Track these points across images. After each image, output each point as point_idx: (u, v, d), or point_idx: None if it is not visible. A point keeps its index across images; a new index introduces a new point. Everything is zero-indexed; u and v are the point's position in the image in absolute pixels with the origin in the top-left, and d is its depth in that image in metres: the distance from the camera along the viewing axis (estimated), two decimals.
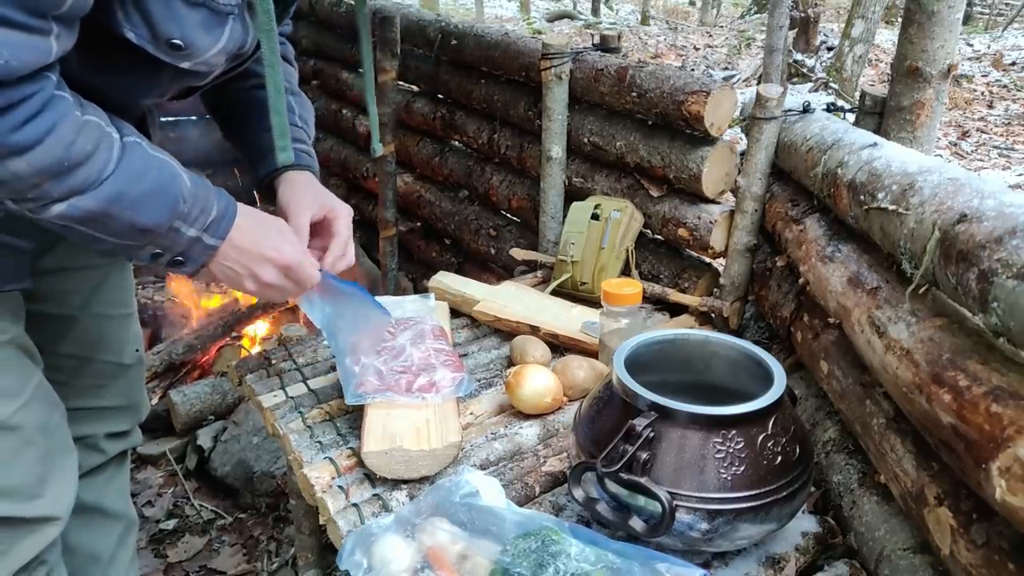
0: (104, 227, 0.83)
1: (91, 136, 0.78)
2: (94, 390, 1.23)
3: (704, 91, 1.47)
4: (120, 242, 0.85)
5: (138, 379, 1.31)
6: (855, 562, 0.96)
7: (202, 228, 0.90)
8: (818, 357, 1.16)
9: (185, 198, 0.87)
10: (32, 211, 0.78)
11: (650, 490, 0.83)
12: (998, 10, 12.13)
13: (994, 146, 5.37)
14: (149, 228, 0.85)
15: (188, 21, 0.82)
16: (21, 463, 0.97)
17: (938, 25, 1.50)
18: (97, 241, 0.85)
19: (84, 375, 1.20)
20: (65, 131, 0.74)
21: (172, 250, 0.89)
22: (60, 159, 0.74)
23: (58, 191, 0.77)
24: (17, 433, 0.95)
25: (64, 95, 0.76)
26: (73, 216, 0.79)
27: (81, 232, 0.82)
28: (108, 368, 1.23)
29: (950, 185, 0.85)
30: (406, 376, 1.14)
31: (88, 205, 0.79)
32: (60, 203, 0.78)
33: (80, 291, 1.15)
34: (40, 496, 0.99)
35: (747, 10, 11.85)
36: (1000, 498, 0.64)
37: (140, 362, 1.31)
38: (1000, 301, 0.66)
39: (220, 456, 2.08)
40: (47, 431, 1.01)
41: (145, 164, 0.84)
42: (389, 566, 0.85)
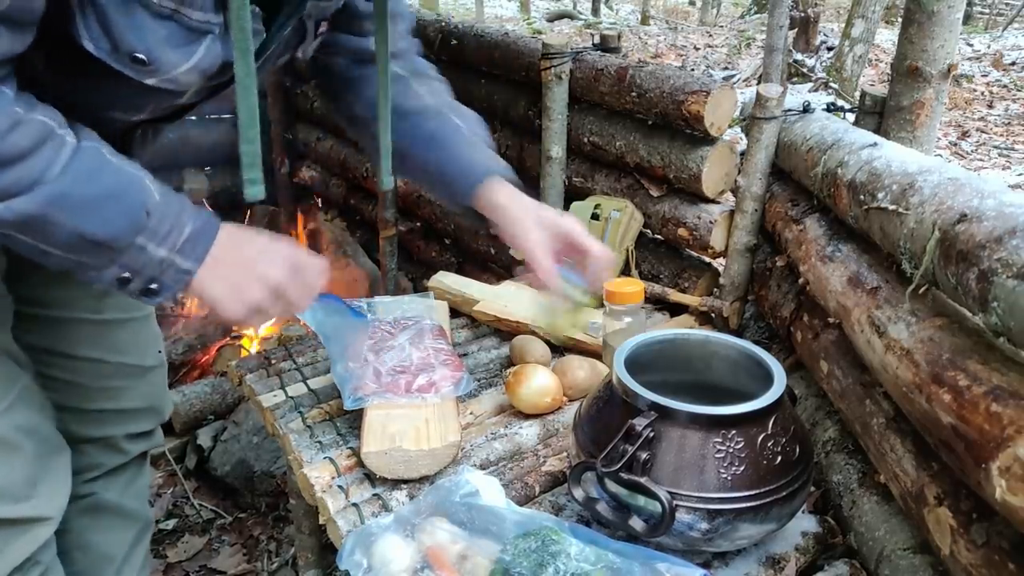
0: (46, 236, 0.75)
1: (31, 134, 0.71)
2: (116, 392, 1.21)
3: (704, 91, 1.47)
4: (71, 257, 0.77)
5: (161, 380, 1.30)
6: (855, 562, 0.96)
7: (173, 248, 0.80)
8: (818, 357, 1.16)
9: (150, 211, 0.78)
10: None
11: (650, 490, 0.83)
12: (998, 10, 12.13)
13: (994, 146, 5.37)
14: (102, 240, 0.76)
15: (152, 35, 0.76)
16: (8, 467, 0.96)
17: (938, 25, 1.49)
18: (44, 255, 0.77)
19: (104, 377, 1.19)
20: (11, 116, 0.69)
21: (141, 274, 0.80)
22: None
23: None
24: (2, 439, 0.95)
25: (3, 90, 0.71)
26: (8, 220, 0.72)
27: (23, 243, 0.75)
28: (130, 370, 1.22)
29: (950, 185, 0.85)
30: (405, 376, 1.14)
31: (25, 207, 0.71)
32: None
33: (87, 296, 1.14)
34: (31, 498, 0.99)
35: (747, 10, 11.85)
36: (1000, 498, 0.64)
37: (162, 363, 1.30)
38: (1000, 301, 0.66)
39: (220, 456, 2.08)
40: (35, 434, 1.00)
41: (99, 167, 0.76)
42: (389, 566, 0.85)
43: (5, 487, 0.96)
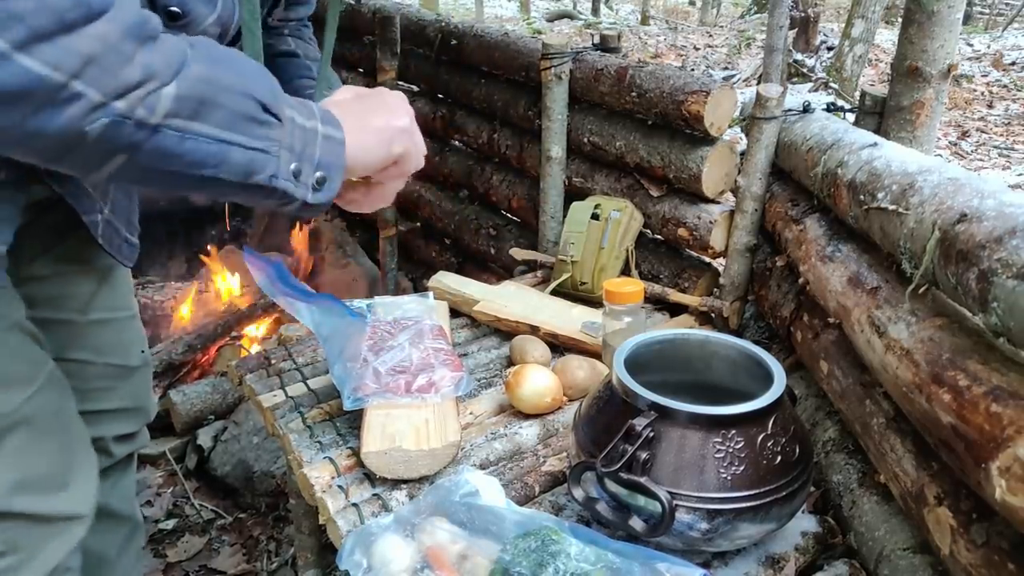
0: (223, 109, 0.64)
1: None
2: (102, 393, 1.21)
3: (704, 91, 1.47)
4: (247, 141, 0.67)
5: (145, 380, 1.30)
6: (855, 562, 0.96)
7: (315, 117, 0.73)
8: (818, 357, 1.16)
9: (274, 79, 0.71)
10: (146, 105, 0.59)
11: (650, 490, 0.83)
12: (998, 10, 12.13)
13: (994, 146, 5.37)
14: (268, 103, 0.68)
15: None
16: (43, 451, 0.91)
17: (938, 25, 1.49)
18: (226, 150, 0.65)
19: (91, 378, 1.18)
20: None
21: (307, 156, 0.71)
22: (142, 18, 0.59)
23: (158, 63, 0.59)
24: (32, 423, 0.90)
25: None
26: (189, 96, 0.61)
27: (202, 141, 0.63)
28: (115, 371, 1.22)
29: (950, 185, 0.85)
30: (405, 376, 1.14)
31: (196, 73, 0.62)
32: (169, 84, 0.60)
33: (77, 296, 1.13)
34: (65, 488, 0.94)
35: (747, 10, 11.85)
36: (1000, 498, 0.64)
37: (146, 363, 1.29)
38: (1000, 301, 0.66)
39: (220, 456, 2.08)
40: (63, 420, 0.97)
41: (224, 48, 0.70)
42: (389, 566, 0.85)
43: (37, 476, 0.90)
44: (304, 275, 2.81)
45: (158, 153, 0.62)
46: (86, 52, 0.55)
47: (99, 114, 0.57)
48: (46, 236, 1.02)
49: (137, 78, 0.58)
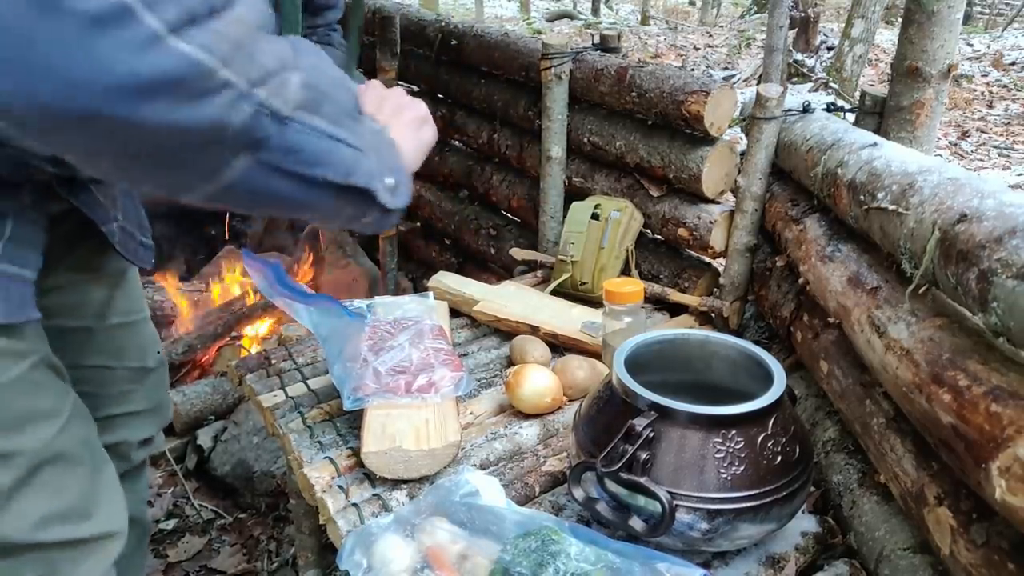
0: (332, 103, 0.64)
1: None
2: (123, 397, 1.20)
3: (704, 91, 1.47)
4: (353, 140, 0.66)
5: (163, 380, 1.30)
6: (855, 562, 0.96)
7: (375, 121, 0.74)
8: (818, 357, 1.16)
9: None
10: (279, 94, 0.57)
11: (650, 490, 0.83)
12: (998, 10, 12.13)
13: (994, 146, 5.37)
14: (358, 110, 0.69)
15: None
16: (72, 484, 0.92)
17: (938, 25, 1.49)
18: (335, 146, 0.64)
19: (112, 383, 1.18)
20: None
21: (381, 156, 0.70)
22: (264, 16, 0.58)
23: (286, 53, 0.59)
24: (63, 456, 0.90)
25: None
26: (310, 85, 0.61)
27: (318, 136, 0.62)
28: (134, 374, 1.21)
29: (950, 185, 0.85)
30: (405, 376, 1.14)
31: (310, 62, 0.62)
32: (296, 71, 0.59)
33: (91, 303, 1.13)
34: (94, 513, 0.94)
35: (747, 10, 11.85)
36: (1000, 498, 0.64)
37: (163, 363, 1.29)
38: (1000, 301, 0.66)
39: (220, 456, 2.08)
40: (89, 446, 0.97)
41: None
42: (389, 566, 0.85)
43: (68, 506, 0.91)
44: (303, 276, 2.81)
45: (283, 149, 0.60)
46: (234, 37, 0.53)
47: (244, 103, 0.54)
48: (59, 247, 1.02)
49: (273, 65, 0.56)
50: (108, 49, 0.47)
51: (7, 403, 0.84)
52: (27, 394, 0.86)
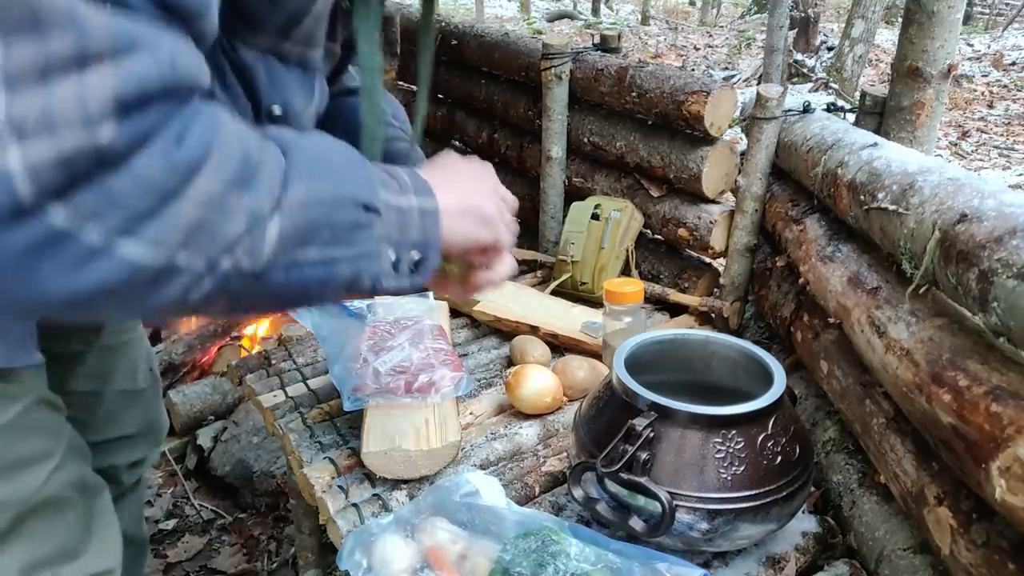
0: (330, 229, 0.59)
1: (244, 125, 0.57)
2: (110, 421, 1.16)
3: (704, 91, 1.47)
4: (355, 252, 0.61)
5: (155, 400, 1.24)
6: (855, 562, 0.96)
7: (408, 190, 0.66)
8: (818, 357, 1.16)
9: (364, 159, 0.65)
10: (251, 253, 0.53)
11: (650, 490, 0.83)
12: (998, 10, 12.13)
13: (994, 146, 5.37)
14: (368, 202, 0.61)
15: (286, 85, 0.70)
16: (60, 529, 0.88)
17: (938, 25, 1.49)
18: (331, 268, 0.60)
19: (100, 408, 1.13)
20: (229, 124, 0.54)
21: (405, 240, 0.65)
22: (242, 154, 0.53)
23: (263, 200, 0.54)
24: (51, 503, 0.86)
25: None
26: (294, 228, 0.56)
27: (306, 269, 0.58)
28: (123, 397, 1.16)
29: (950, 185, 0.85)
30: (405, 376, 1.14)
31: (298, 196, 0.56)
32: (272, 217, 0.54)
33: (82, 326, 1.07)
34: (84, 553, 0.90)
35: (747, 10, 11.85)
36: (1000, 498, 0.64)
37: (156, 382, 1.24)
38: (1000, 301, 0.66)
39: (220, 456, 2.08)
40: (82, 484, 0.93)
41: (296, 134, 0.63)
42: (389, 566, 0.85)
43: (61, 548, 0.87)
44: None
45: (260, 294, 0.57)
46: (190, 219, 0.49)
47: (204, 280, 0.52)
48: None
49: (242, 228, 0.52)
50: (45, 273, 0.46)
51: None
52: (17, 439, 0.82)
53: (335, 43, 0.79)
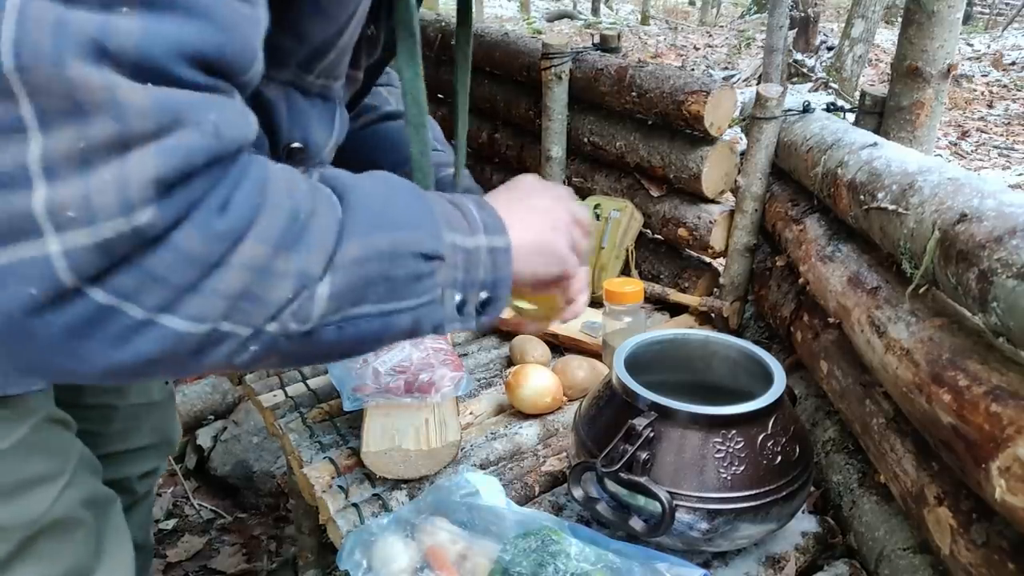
0: (387, 284, 0.56)
1: (294, 175, 0.55)
2: (125, 433, 1.14)
3: (704, 91, 1.47)
4: (414, 303, 0.58)
5: (170, 412, 1.24)
6: (855, 562, 0.96)
7: (478, 230, 0.63)
8: (818, 357, 1.16)
9: (429, 199, 0.62)
10: (298, 317, 0.52)
11: (650, 490, 0.83)
12: (998, 10, 12.13)
13: (994, 146, 5.37)
14: (431, 251, 0.58)
15: (307, 118, 0.68)
16: (69, 549, 0.87)
17: (938, 25, 1.49)
18: (390, 320, 0.58)
19: (115, 421, 1.12)
20: (278, 178, 0.52)
21: (471, 282, 0.62)
22: (292, 212, 0.51)
23: (312, 261, 0.51)
24: (61, 523, 0.85)
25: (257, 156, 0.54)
26: (348, 287, 0.54)
27: (365, 321, 0.56)
28: (138, 410, 1.15)
29: (950, 185, 0.85)
30: (405, 376, 1.14)
31: (352, 253, 0.54)
32: (324, 279, 0.52)
33: None
34: (96, 570, 0.89)
35: (747, 10, 11.85)
36: (1000, 498, 0.64)
37: (171, 396, 1.23)
38: (1000, 301, 0.66)
39: (220, 456, 2.08)
40: (93, 501, 0.91)
41: (354, 175, 0.60)
42: (389, 566, 0.85)
43: (71, 568, 0.86)
44: None
45: (312, 351, 0.55)
46: (233, 290, 0.48)
47: (251, 344, 0.51)
48: None
49: (290, 293, 0.50)
50: (91, 349, 0.46)
51: (1, 474, 0.79)
52: (22, 462, 0.81)
53: (358, 71, 0.76)
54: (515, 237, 0.66)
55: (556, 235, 0.71)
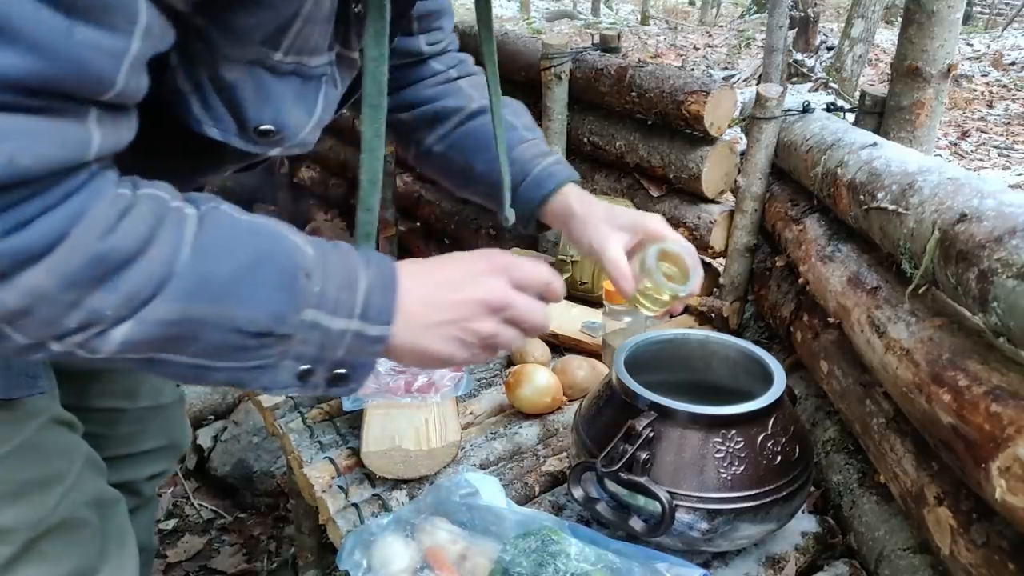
0: (198, 344, 0.56)
1: (145, 214, 0.53)
2: (134, 436, 1.14)
3: (704, 91, 1.47)
4: (234, 365, 0.59)
5: (179, 416, 1.23)
6: (855, 562, 0.96)
7: (352, 314, 0.61)
8: (818, 357, 1.16)
9: (309, 272, 0.59)
10: (86, 347, 0.53)
11: (650, 490, 0.83)
12: (998, 10, 12.13)
13: (994, 146, 5.37)
14: (265, 330, 0.57)
15: (279, 98, 0.65)
16: (73, 551, 0.86)
17: (938, 25, 1.49)
18: (203, 372, 0.59)
19: (122, 424, 1.11)
20: (99, 215, 0.51)
21: (323, 360, 0.61)
22: (97, 255, 0.50)
23: (111, 305, 0.52)
24: (65, 524, 0.85)
25: (104, 173, 0.53)
26: (147, 339, 0.54)
27: (172, 365, 0.57)
28: (148, 413, 1.14)
29: (950, 185, 0.85)
30: (405, 376, 1.14)
31: (162, 314, 0.53)
32: (122, 324, 0.53)
33: None
34: (100, 571, 0.89)
35: (747, 10, 11.85)
36: (1000, 498, 0.64)
37: (180, 399, 1.22)
38: (1000, 301, 0.66)
39: (220, 456, 2.08)
40: (98, 502, 0.91)
41: (232, 233, 0.58)
42: (389, 566, 0.85)
43: (75, 569, 0.86)
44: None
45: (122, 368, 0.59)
46: (14, 306, 0.49)
47: (34, 352, 0.54)
48: None
49: (75, 324, 0.52)
50: None
51: (5, 476, 0.79)
52: (25, 464, 0.81)
53: (350, 51, 0.73)
54: (400, 331, 0.64)
55: (446, 344, 0.68)
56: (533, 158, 1.01)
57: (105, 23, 0.47)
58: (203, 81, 0.62)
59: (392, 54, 0.96)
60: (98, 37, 0.47)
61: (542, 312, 0.71)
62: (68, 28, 0.46)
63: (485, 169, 1.00)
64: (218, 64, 0.61)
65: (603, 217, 0.93)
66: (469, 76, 1.08)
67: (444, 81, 1.05)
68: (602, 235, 0.91)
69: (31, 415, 0.82)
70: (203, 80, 0.62)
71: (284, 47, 0.63)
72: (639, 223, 0.92)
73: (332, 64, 0.71)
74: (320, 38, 0.66)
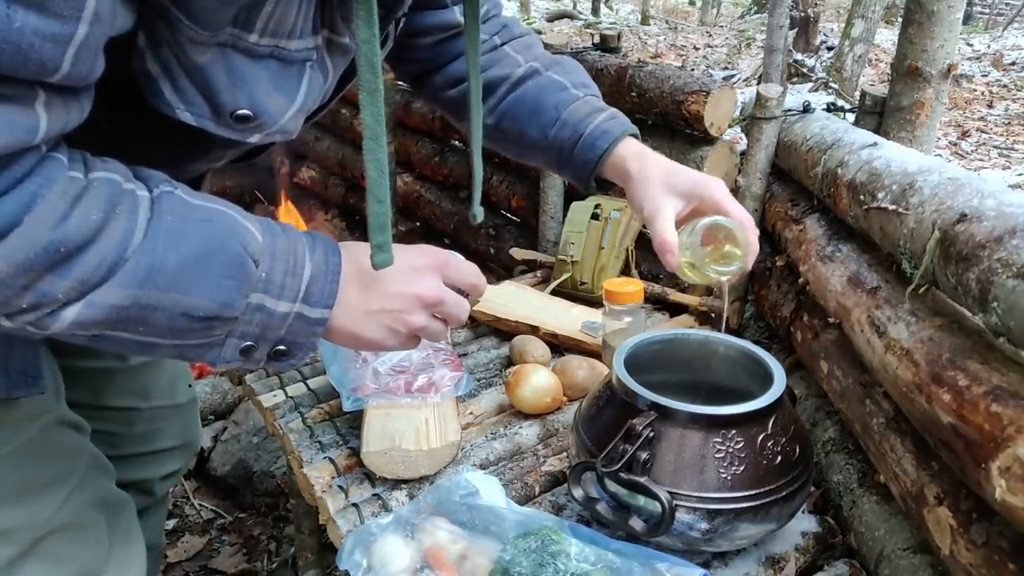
0: (146, 325, 0.59)
1: (98, 200, 0.55)
2: (149, 435, 1.14)
3: (704, 91, 1.47)
4: (181, 343, 0.62)
5: (192, 415, 1.24)
6: (855, 562, 0.96)
7: (296, 298, 0.65)
8: (818, 357, 1.16)
9: (257, 258, 0.62)
10: (36, 325, 0.56)
11: (650, 490, 0.83)
12: (998, 10, 12.13)
13: (994, 146, 5.37)
14: (213, 314, 0.61)
15: (255, 82, 0.64)
16: (78, 551, 0.86)
17: (938, 25, 1.49)
18: (149, 348, 0.62)
19: (138, 423, 1.12)
20: (51, 203, 0.52)
21: (265, 338, 0.65)
22: (50, 243, 0.52)
23: (62, 288, 0.54)
24: (70, 525, 0.85)
25: (55, 156, 0.54)
26: (96, 320, 0.56)
27: (119, 340, 0.60)
28: (162, 412, 1.15)
29: (950, 185, 0.85)
30: (405, 376, 1.14)
31: (112, 299, 0.56)
32: (72, 305, 0.55)
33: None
34: (106, 572, 0.89)
35: (747, 10, 11.85)
36: (1000, 498, 0.64)
37: (193, 399, 1.23)
38: (1000, 301, 0.66)
39: (220, 456, 2.08)
40: (104, 503, 0.91)
41: (184, 218, 0.60)
42: (389, 566, 0.85)
43: (81, 569, 0.86)
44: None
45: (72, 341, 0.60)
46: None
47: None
48: None
49: (25, 304, 0.54)
50: None
51: (8, 475, 0.79)
52: (28, 464, 0.81)
53: (339, 36, 0.71)
54: (338, 315, 0.69)
55: (378, 331, 0.72)
56: (586, 116, 0.96)
57: (47, 9, 0.48)
58: (171, 64, 0.61)
59: (430, 30, 0.96)
60: (40, 23, 0.48)
61: (466, 309, 0.77)
62: (8, 15, 0.46)
63: (539, 136, 0.97)
64: (184, 46, 0.60)
65: (659, 180, 0.90)
66: (513, 40, 1.04)
67: (489, 50, 1.01)
68: (655, 203, 0.88)
69: (33, 415, 0.82)
70: (171, 63, 0.61)
71: (258, 28, 0.62)
72: (697, 189, 0.89)
73: (319, 49, 0.69)
74: (301, 20, 0.65)
